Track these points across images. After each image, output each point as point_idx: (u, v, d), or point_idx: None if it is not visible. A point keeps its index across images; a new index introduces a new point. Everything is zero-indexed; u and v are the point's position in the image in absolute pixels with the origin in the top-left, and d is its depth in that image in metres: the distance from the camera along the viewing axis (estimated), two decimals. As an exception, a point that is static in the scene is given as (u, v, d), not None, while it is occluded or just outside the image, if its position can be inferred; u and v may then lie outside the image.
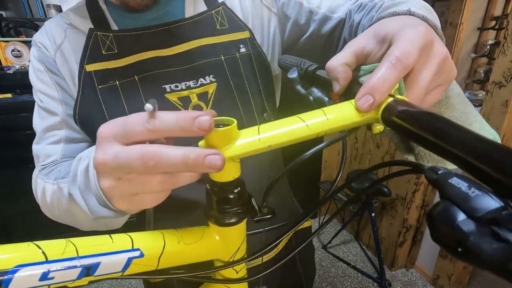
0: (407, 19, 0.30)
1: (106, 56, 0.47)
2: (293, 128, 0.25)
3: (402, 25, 0.28)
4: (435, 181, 0.18)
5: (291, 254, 0.36)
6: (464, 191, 0.16)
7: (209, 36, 0.50)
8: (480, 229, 0.15)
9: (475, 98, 1.44)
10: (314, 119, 0.25)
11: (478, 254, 0.14)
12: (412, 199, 1.67)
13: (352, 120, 0.25)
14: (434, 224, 0.17)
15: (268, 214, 0.31)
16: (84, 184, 0.33)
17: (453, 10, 1.75)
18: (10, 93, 1.53)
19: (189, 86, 0.48)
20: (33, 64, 0.49)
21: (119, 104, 0.46)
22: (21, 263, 0.22)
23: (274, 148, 0.25)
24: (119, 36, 0.48)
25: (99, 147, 0.24)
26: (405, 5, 0.34)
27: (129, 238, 0.26)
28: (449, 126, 0.19)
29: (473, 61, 1.87)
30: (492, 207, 0.15)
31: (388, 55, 0.25)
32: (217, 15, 0.52)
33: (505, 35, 1.17)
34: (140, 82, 0.47)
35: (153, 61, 0.48)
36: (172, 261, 0.28)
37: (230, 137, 0.24)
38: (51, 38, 0.49)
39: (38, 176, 0.46)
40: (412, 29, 0.26)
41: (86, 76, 0.46)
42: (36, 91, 0.49)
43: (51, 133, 0.49)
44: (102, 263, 0.24)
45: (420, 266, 1.81)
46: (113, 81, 0.46)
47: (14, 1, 1.76)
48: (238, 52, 0.51)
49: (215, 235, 0.30)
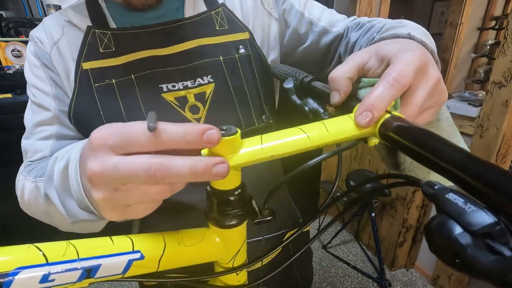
0: (406, 43, 0.32)
1: (103, 54, 0.46)
2: (295, 139, 0.25)
3: (400, 48, 0.30)
4: (432, 195, 0.19)
5: (288, 259, 0.36)
6: (460, 206, 0.17)
7: (208, 36, 0.50)
8: (476, 242, 0.16)
9: (475, 98, 1.44)
10: (315, 131, 0.26)
11: (475, 266, 0.15)
12: (412, 199, 1.67)
13: (351, 134, 0.27)
14: (432, 236, 0.18)
15: (268, 216, 0.31)
16: (61, 186, 0.32)
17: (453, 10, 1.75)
18: (10, 93, 1.53)
19: (186, 86, 0.48)
20: (29, 59, 0.49)
21: (115, 103, 0.46)
22: (21, 265, 0.22)
23: (276, 158, 0.25)
24: (117, 34, 0.47)
25: (93, 156, 0.23)
26: (406, 29, 0.36)
27: (130, 240, 0.26)
28: (444, 145, 0.20)
29: (473, 61, 1.87)
30: (487, 222, 0.16)
31: (386, 74, 0.27)
32: (216, 15, 0.51)
33: (505, 35, 1.16)
34: (136, 81, 0.46)
35: (150, 60, 0.47)
36: (172, 263, 0.28)
37: (234, 146, 0.24)
38: (48, 33, 0.48)
39: (21, 173, 0.45)
40: (409, 52, 0.28)
41: (83, 74, 0.46)
42: (30, 86, 0.49)
43: (42, 128, 0.48)
44: (102, 265, 0.24)
45: (420, 266, 1.82)
46: (109, 80, 0.46)
47: (14, 1, 1.76)
48: (237, 53, 0.51)
49: (216, 237, 0.30)
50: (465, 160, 0.19)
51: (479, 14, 1.81)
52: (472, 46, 1.87)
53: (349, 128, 0.27)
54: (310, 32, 0.55)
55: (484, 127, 1.30)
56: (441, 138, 0.21)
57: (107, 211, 0.25)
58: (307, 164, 0.28)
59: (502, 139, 1.25)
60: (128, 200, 0.24)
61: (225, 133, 0.23)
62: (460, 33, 1.74)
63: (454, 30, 1.74)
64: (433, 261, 1.69)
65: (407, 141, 0.23)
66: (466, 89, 1.85)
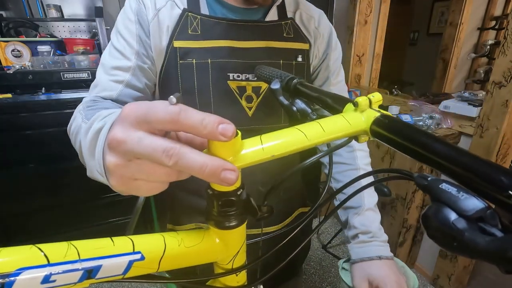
0: (386, 265, 0.57)
1: (190, 36, 0.54)
2: (293, 138, 0.26)
3: (385, 274, 0.55)
4: (425, 186, 0.21)
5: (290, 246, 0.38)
6: (454, 194, 0.19)
7: (275, 40, 0.58)
8: (471, 226, 0.18)
9: (475, 98, 1.44)
10: (312, 130, 0.27)
11: (474, 247, 0.17)
12: (412, 199, 1.67)
13: (345, 132, 0.28)
14: (429, 223, 0.20)
15: (267, 213, 0.32)
16: (90, 143, 0.33)
17: (453, 10, 1.75)
18: (10, 93, 1.53)
19: (248, 78, 0.56)
20: (126, 11, 0.54)
21: (191, 80, 0.54)
22: (23, 266, 0.22)
23: (276, 157, 0.26)
24: (204, 20, 0.54)
25: (121, 124, 0.24)
26: (374, 249, 0.58)
27: (130, 241, 0.26)
28: (434, 139, 0.22)
29: (473, 61, 1.87)
30: (479, 207, 0.18)
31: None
32: (285, 25, 0.60)
33: (505, 35, 1.17)
34: (211, 65, 0.54)
35: (227, 50, 0.55)
36: (172, 264, 0.28)
37: (235, 147, 0.24)
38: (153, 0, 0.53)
39: (82, 104, 0.48)
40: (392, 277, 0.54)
41: (172, 50, 0.53)
42: (117, 33, 0.54)
43: (117, 72, 0.53)
44: (103, 266, 0.24)
45: (420, 266, 1.82)
46: (191, 59, 0.54)
47: (14, 1, 1.76)
48: (295, 60, 0.60)
49: (215, 238, 0.30)
50: (453, 153, 0.20)
51: (479, 14, 1.81)
52: (472, 46, 1.87)
53: (343, 126, 0.28)
54: (322, 86, 0.67)
55: (484, 127, 1.30)
56: (430, 134, 0.23)
57: (114, 178, 0.26)
58: (304, 163, 0.30)
59: (502, 139, 1.25)
60: (137, 173, 0.24)
61: None
62: (460, 33, 1.74)
63: (454, 30, 1.74)
64: (433, 261, 1.69)
65: (398, 137, 0.25)
66: (466, 89, 1.85)
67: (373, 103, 0.30)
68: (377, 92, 0.30)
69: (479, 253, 0.17)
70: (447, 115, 1.49)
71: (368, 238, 0.59)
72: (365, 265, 0.57)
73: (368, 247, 0.58)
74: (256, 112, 0.58)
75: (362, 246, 0.59)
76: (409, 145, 0.23)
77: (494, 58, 1.71)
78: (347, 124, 0.28)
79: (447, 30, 1.78)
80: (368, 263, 0.56)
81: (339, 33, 0.68)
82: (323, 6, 1.84)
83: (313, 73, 0.67)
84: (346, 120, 0.28)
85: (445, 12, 1.77)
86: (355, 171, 0.65)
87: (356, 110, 0.29)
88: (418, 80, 3.26)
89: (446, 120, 1.48)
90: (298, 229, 0.38)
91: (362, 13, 1.98)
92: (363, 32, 2.05)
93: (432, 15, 3.31)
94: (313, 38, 0.63)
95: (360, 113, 0.29)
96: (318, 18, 0.64)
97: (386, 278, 0.53)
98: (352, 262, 0.59)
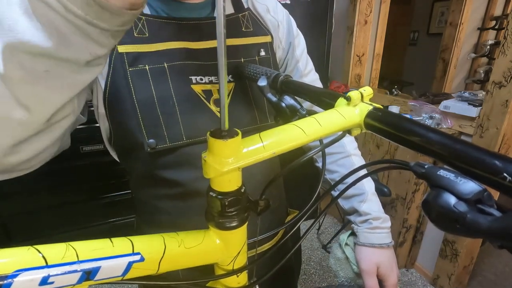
0: (391, 253, 0.60)
1: (137, 39, 0.47)
2: (292, 134, 0.27)
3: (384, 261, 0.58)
4: (423, 174, 0.22)
5: (284, 249, 0.38)
6: (453, 180, 0.20)
7: (233, 37, 0.53)
8: (471, 208, 0.19)
9: (475, 98, 1.44)
10: (309, 126, 0.28)
11: (477, 228, 0.18)
12: (412, 199, 1.67)
13: (341, 126, 0.29)
14: (431, 209, 0.20)
15: (264, 206, 0.32)
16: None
17: (453, 10, 1.75)
18: (10, 93, 1.53)
19: (211, 81, 0.51)
20: None
21: (148, 89, 0.47)
22: (21, 267, 0.22)
23: (277, 154, 0.26)
24: (151, 21, 0.48)
25: None
26: (378, 237, 0.59)
27: (130, 242, 0.26)
28: (426, 129, 0.23)
29: (473, 61, 1.87)
30: (477, 190, 0.19)
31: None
32: (243, 18, 0.55)
33: (505, 35, 1.16)
34: (169, 70, 0.48)
35: (182, 51, 0.49)
36: (172, 265, 0.28)
37: (237, 147, 0.24)
38: None
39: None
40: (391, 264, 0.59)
41: (118, 56, 0.46)
42: None
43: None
44: (102, 267, 0.24)
45: (420, 266, 1.82)
46: (143, 65, 0.47)
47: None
48: (258, 56, 0.56)
49: (216, 238, 0.30)
50: (448, 141, 0.21)
51: (479, 14, 1.81)
52: (472, 46, 1.87)
53: (339, 121, 0.29)
54: (293, 75, 0.62)
55: (484, 127, 1.30)
56: (422, 124, 0.24)
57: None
58: (299, 159, 0.30)
59: (502, 139, 1.25)
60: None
61: (227, 135, 0.23)
62: (460, 33, 1.74)
63: (454, 30, 1.74)
64: (433, 261, 1.69)
65: (391, 128, 0.25)
66: (466, 89, 1.85)
67: (364, 97, 0.30)
68: (367, 86, 0.32)
69: (483, 233, 0.18)
70: (447, 115, 1.49)
71: (379, 224, 0.60)
72: (377, 251, 0.58)
73: (380, 234, 0.60)
74: (229, 115, 0.51)
75: (373, 232, 0.60)
76: (403, 135, 0.24)
77: (494, 58, 1.71)
78: (342, 118, 0.29)
79: (447, 30, 1.78)
80: (379, 250, 0.58)
81: (339, 33, 0.68)
82: (323, 6, 1.84)
83: (281, 66, 0.62)
84: (341, 115, 0.29)
85: (445, 12, 1.77)
86: (348, 158, 0.64)
87: (349, 104, 0.30)
88: (418, 80, 3.26)
89: (446, 120, 1.48)
90: (297, 228, 0.38)
91: (362, 13, 1.98)
92: (363, 32, 2.05)
93: (432, 15, 3.31)
94: (273, 28, 0.59)
95: (353, 107, 0.30)
96: (273, 6, 0.59)
97: (391, 267, 0.58)
98: (360, 244, 0.60)
